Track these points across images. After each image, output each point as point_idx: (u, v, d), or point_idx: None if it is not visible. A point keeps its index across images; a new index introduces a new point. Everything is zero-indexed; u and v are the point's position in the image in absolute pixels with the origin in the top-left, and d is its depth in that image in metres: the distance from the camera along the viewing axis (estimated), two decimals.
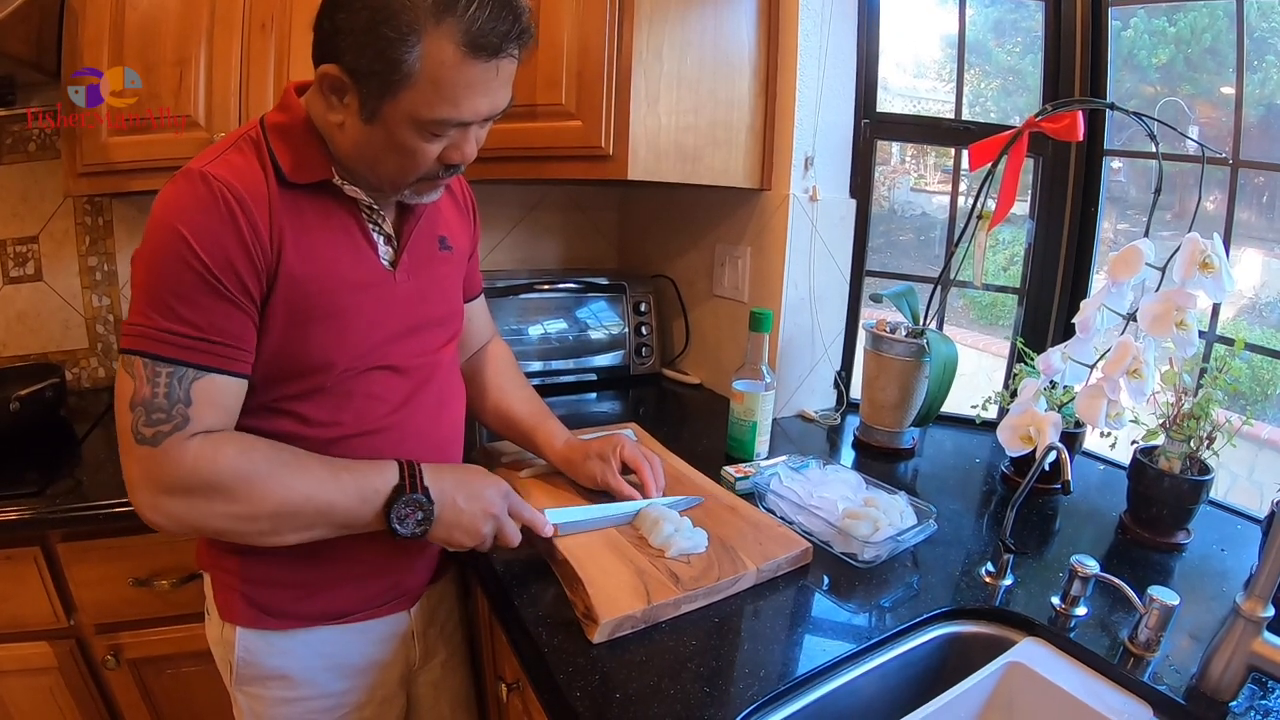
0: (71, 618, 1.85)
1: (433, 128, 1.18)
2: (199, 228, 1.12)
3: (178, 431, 1.12)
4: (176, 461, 1.12)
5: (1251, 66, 1.99)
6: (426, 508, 1.28)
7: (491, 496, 1.36)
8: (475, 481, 1.37)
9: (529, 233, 3.08)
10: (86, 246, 2.53)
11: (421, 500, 1.27)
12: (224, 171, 1.16)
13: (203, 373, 1.14)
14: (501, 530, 1.37)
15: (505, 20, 1.12)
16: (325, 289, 1.25)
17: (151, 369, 1.12)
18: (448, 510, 1.31)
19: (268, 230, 1.18)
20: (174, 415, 1.12)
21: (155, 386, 1.11)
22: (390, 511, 1.25)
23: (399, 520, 1.26)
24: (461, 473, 1.37)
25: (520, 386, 1.85)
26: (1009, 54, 2.62)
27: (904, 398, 2.07)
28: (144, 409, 1.11)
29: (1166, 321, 1.54)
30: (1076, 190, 2.27)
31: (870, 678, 1.27)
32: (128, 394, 1.12)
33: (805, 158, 2.22)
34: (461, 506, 1.32)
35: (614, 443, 1.68)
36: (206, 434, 1.15)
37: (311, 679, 1.44)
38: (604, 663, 1.18)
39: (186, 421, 1.13)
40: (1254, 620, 1.10)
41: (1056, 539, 1.69)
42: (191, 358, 1.13)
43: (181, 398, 1.12)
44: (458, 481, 1.34)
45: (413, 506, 1.27)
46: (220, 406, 1.18)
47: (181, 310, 1.12)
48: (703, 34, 2.03)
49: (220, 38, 2.02)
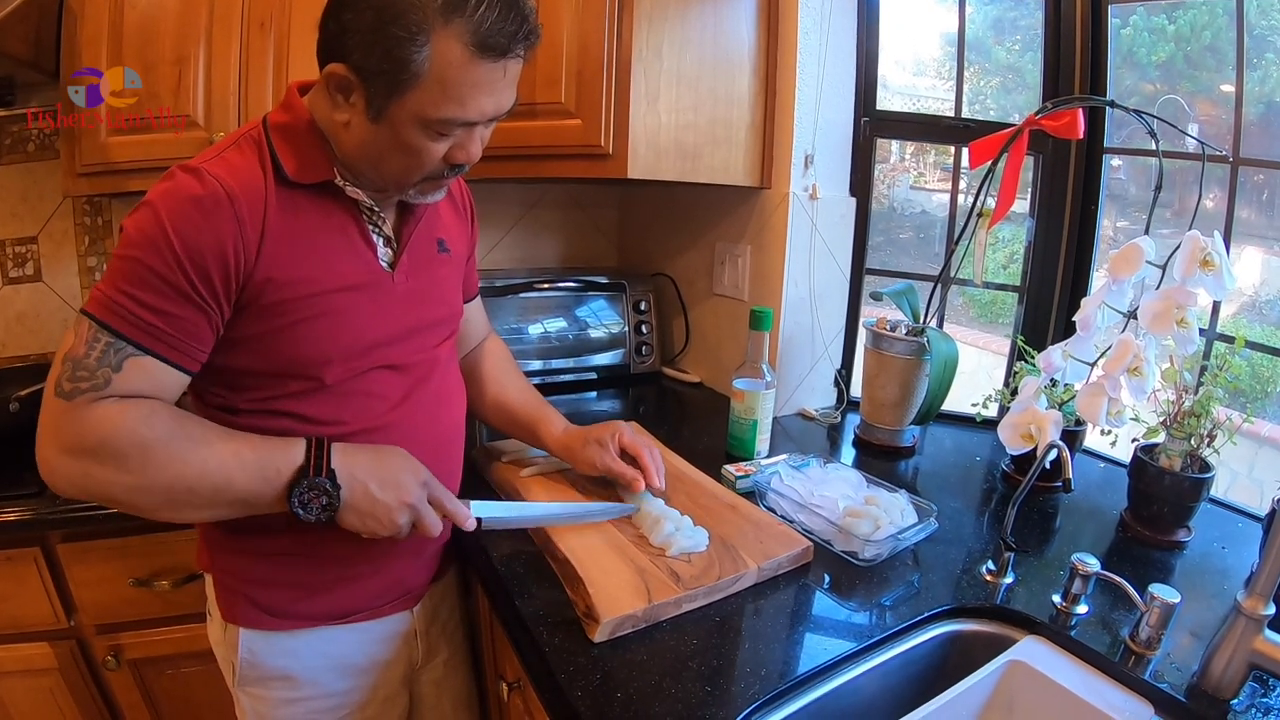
0: (72, 618, 1.85)
1: (439, 127, 1.18)
2: (181, 222, 1.12)
3: (94, 391, 1.11)
4: (81, 419, 1.10)
5: (1251, 64, 1.99)
6: (331, 493, 1.21)
7: (408, 484, 1.29)
8: (392, 466, 1.29)
9: (528, 231, 3.08)
10: (86, 246, 2.53)
11: (325, 485, 1.21)
12: (221, 170, 1.16)
13: (141, 352, 1.13)
14: (420, 520, 1.31)
15: (513, 21, 1.12)
16: (319, 290, 1.25)
17: (94, 332, 1.11)
18: (358, 497, 1.24)
19: (258, 231, 1.17)
20: (96, 377, 1.11)
21: (91, 348, 1.11)
22: (291, 494, 1.19)
23: (301, 505, 1.20)
24: (381, 456, 1.29)
25: (517, 379, 1.86)
26: (1008, 52, 2.62)
27: (904, 396, 2.07)
28: (72, 365, 1.11)
29: (1167, 319, 1.55)
30: (1076, 188, 2.27)
31: (871, 676, 1.27)
32: (65, 348, 1.12)
33: (805, 156, 2.22)
34: (375, 495, 1.25)
35: (613, 429, 1.68)
36: (118, 398, 1.13)
37: (314, 679, 1.44)
38: (605, 662, 1.18)
39: (105, 384, 1.11)
40: (1255, 618, 1.10)
41: (1057, 537, 1.69)
42: (135, 335, 1.12)
43: (111, 365, 1.11)
44: (372, 466, 1.27)
45: (316, 491, 1.21)
46: (151, 384, 1.15)
47: (141, 293, 1.11)
48: (702, 31, 2.03)
49: (219, 37, 2.02)
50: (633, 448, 1.66)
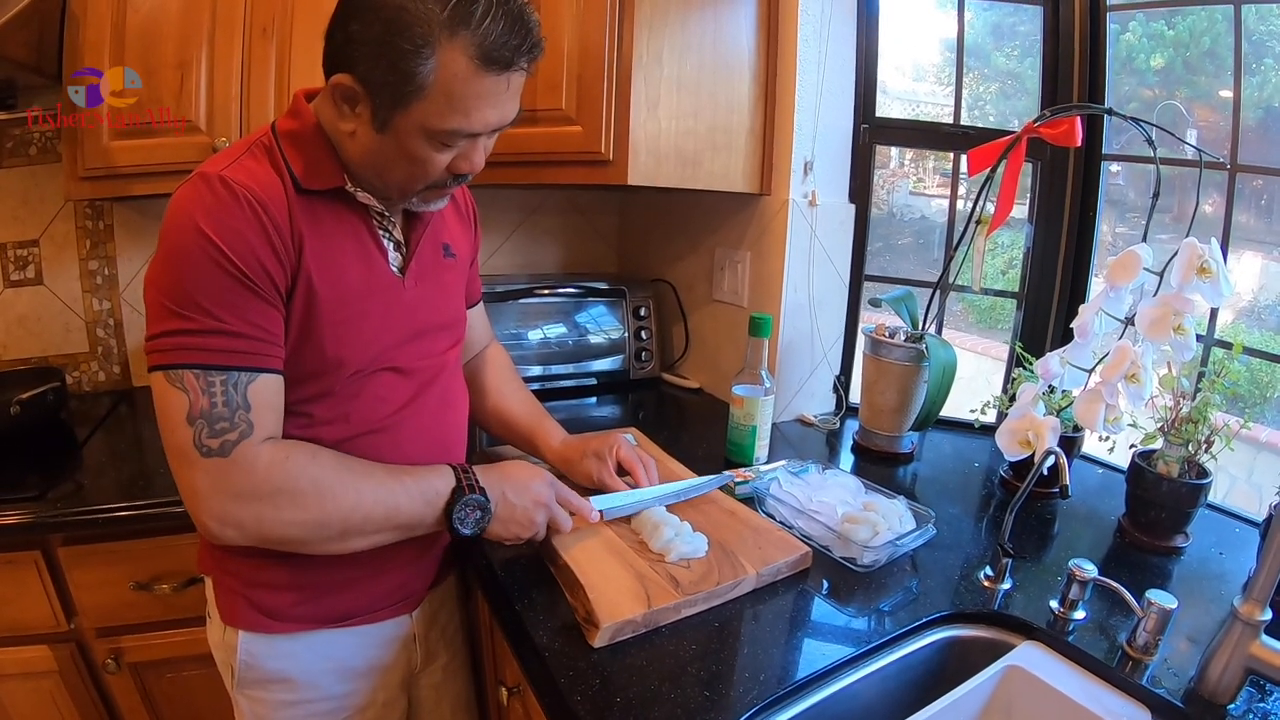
0: (72, 621, 1.85)
1: (443, 138, 1.19)
2: (224, 228, 1.12)
3: (245, 439, 1.13)
4: (249, 469, 1.13)
5: (1250, 69, 1.99)
6: (485, 506, 1.34)
7: (539, 488, 1.43)
8: (522, 476, 1.43)
9: (529, 237, 3.09)
10: (87, 250, 2.53)
11: (481, 500, 1.33)
12: (243, 176, 1.17)
13: (255, 374, 1.15)
14: (553, 518, 1.45)
15: (518, 34, 1.13)
16: (339, 294, 1.26)
17: (204, 379, 1.12)
18: (502, 507, 1.37)
19: (289, 234, 1.19)
20: (237, 422, 1.13)
21: (211, 397, 1.12)
22: (452, 512, 1.30)
23: (460, 521, 1.32)
24: (508, 469, 1.44)
25: (518, 389, 1.87)
26: (1008, 58, 2.63)
27: (903, 402, 2.08)
28: (205, 421, 1.11)
29: (1164, 326, 1.55)
30: (1075, 194, 2.27)
31: (869, 681, 1.27)
32: (181, 409, 1.12)
33: (804, 162, 2.23)
34: (513, 501, 1.39)
35: (610, 442, 1.70)
36: (274, 440, 1.17)
37: (313, 682, 1.44)
38: (604, 667, 1.18)
39: (252, 428, 1.14)
40: (1252, 623, 1.10)
41: (1055, 543, 1.70)
42: (241, 361, 1.14)
43: (240, 403, 1.13)
44: (505, 477, 1.40)
45: (472, 506, 1.33)
46: (273, 408, 1.19)
47: (219, 313, 1.12)
48: (703, 38, 2.04)
49: (221, 42, 2.02)
50: (628, 462, 1.69)
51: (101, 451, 2.09)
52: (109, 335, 2.60)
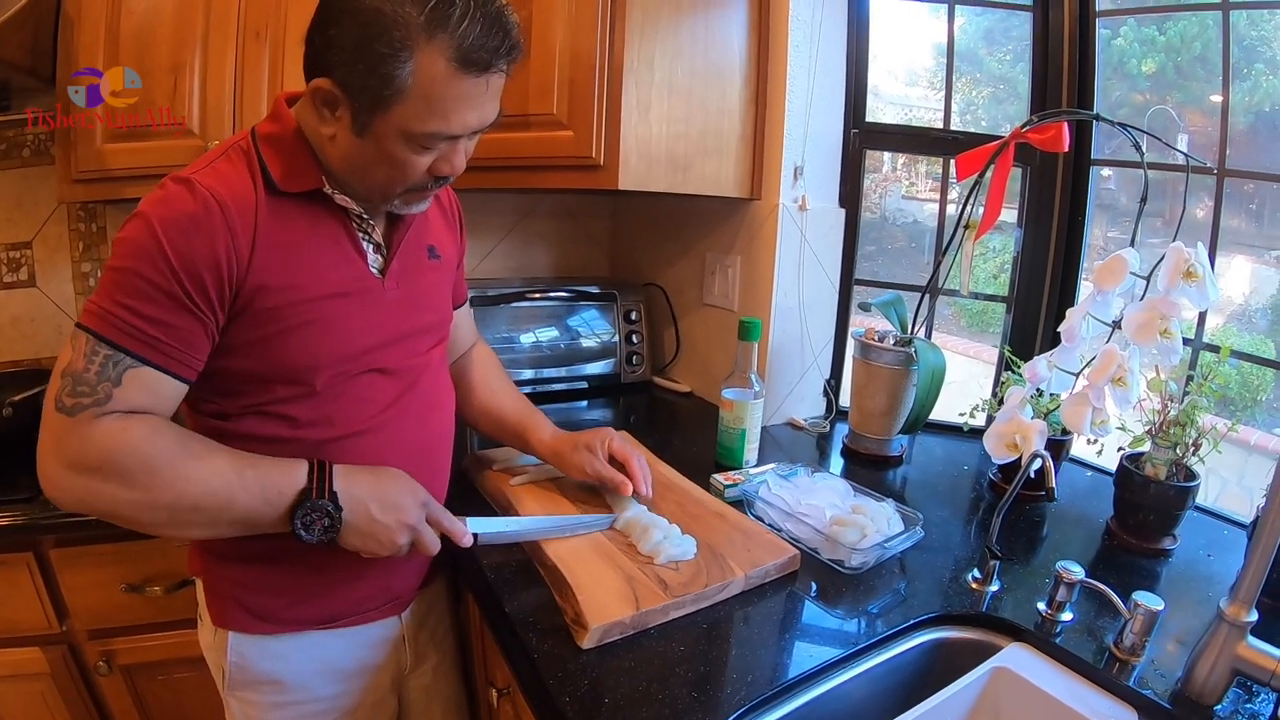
0: (64, 623, 1.85)
1: (423, 141, 1.20)
2: (175, 232, 1.13)
3: (96, 406, 1.11)
4: (85, 435, 1.11)
5: (1241, 75, 2.00)
6: (334, 515, 1.24)
7: (408, 505, 1.31)
8: (392, 489, 1.31)
9: (521, 241, 3.09)
10: (80, 252, 2.53)
11: (327, 507, 1.23)
12: (211, 179, 1.18)
13: (140, 363, 1.13)
14: (419, 539, 1.33)
15: (495, 36, 1.14)
16: (311, 296, 1.26)
17: (92, 345, 1.12)
18: (360, 519, 1.26)
19: (249, 239, 1.19)
20: (97, 391, 1.11)
21: (90, 362, 1.11)
22: (294, 516, 1.21)
23: (304, 526, 1.22)
24: (380, 478, 1.32)
25: (506, 385, 1.87)
26: (999, 62, 2.63)
27: (892, 405, 2.09)
28: (72, 380, 1.11)
29: (1151, 330, 1.56)
30: (1064, 199, 2.28)
31: (857, 683, 1.28)
32: (63, 361, 1.13)
33: (795, 167, 2.24)
34: (375, 516, 1.27)
35: (602, 435, 1.70)
36: (121, 414, 1.14)
37: (303, 683, 1.45)
38: (593, 668, 1.19)
39: (108, 399, 1.12)
40: (1238, 624, 1.11)
41: (1043, 545, 1.71)
42: (133, 346, 1.13)
43: (111, 378, 1.12)
44: (373, 487, 1.29)
45: (319, 513, 1.23)
46: (150, 395, 1.16)
47: (137, 304, 1.12)
48: (694, 43, 2.05)
49: (215, 45, 2.03)
50: (621, 454, 1.67)
51: None
52: None
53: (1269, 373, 2.03)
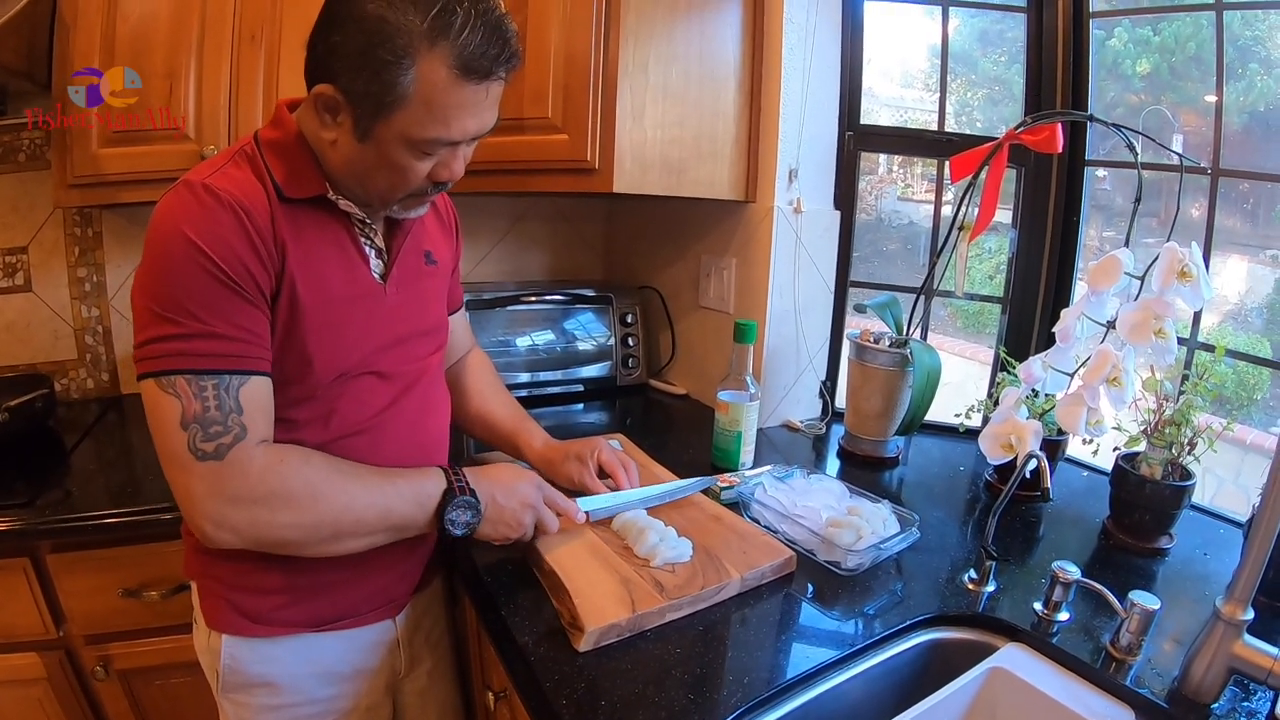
0: (61, 628, 1.85)
1: (424, 147, 1.21)
2: (209, 234, 1.13)
3: (239, 442, 1.14)
4: (244, 472, 1.14)
5: (1236, 75, 2.01)
6: (475, 507, 1.37)
7: (527, 490, 1.45)
8: (510, 478, 1.46)
9: (516, 245, 3.09)
10: (76, 257, 2.53)
11: (471, 502, 1.36)
12: (227, 184, 1.18)
13: (245, 377, 1.16)
14: (541, 520, 1.47)
15: (495, 44, 1.15)
16: (321, 300, 1.27)
17: (195, 384, 1.12)
18: (491, 508, 1.39)
19: (273, 241, 1.20)
20: (230, 426, 1.14)
21: (204, 401, 1.12)
22: (444, 513, 1.33)
23: (451, 522, 1.34)
24: (496, 471, 1.46)
25: (499, 392, 1.89)
26: (994, 64, 2.64)
27: (888, 407, 2.09)
28: (199, 425, 1.12)
29: (1145, 330, 1.56)
30: (1059, 200, 2.29)
31: (854, 684, 1.28)
32: (174, 414, 1.12)
33: (789, 170, 2.24)
34: (502, 503, 1.41)
35: (592, 445, 1.73)
36: (267, 444, 1.18)
37: (297, 686, 1.45)
38: (590, 671, 1.19)
39: (245, 431, 1.15)
40: (1234, 623, 1.11)
41: (1040, 545, 1.71)
42: (231, 365, 1.14)
43: (233, 407, 1.14)
44: (494, 480, 1.43)
45: (463, 508, 1.35)
46: (265, 410, 1.20)
47: (207, 318, 1.13)
48: (688, 47, 2.05)
49: (210, 50, 2.02)
50: (609, 465, 1.70)
51: (90, 459, 2.09)
52: (98, 342, 2.60)
53: (1265, 372, 2.03)
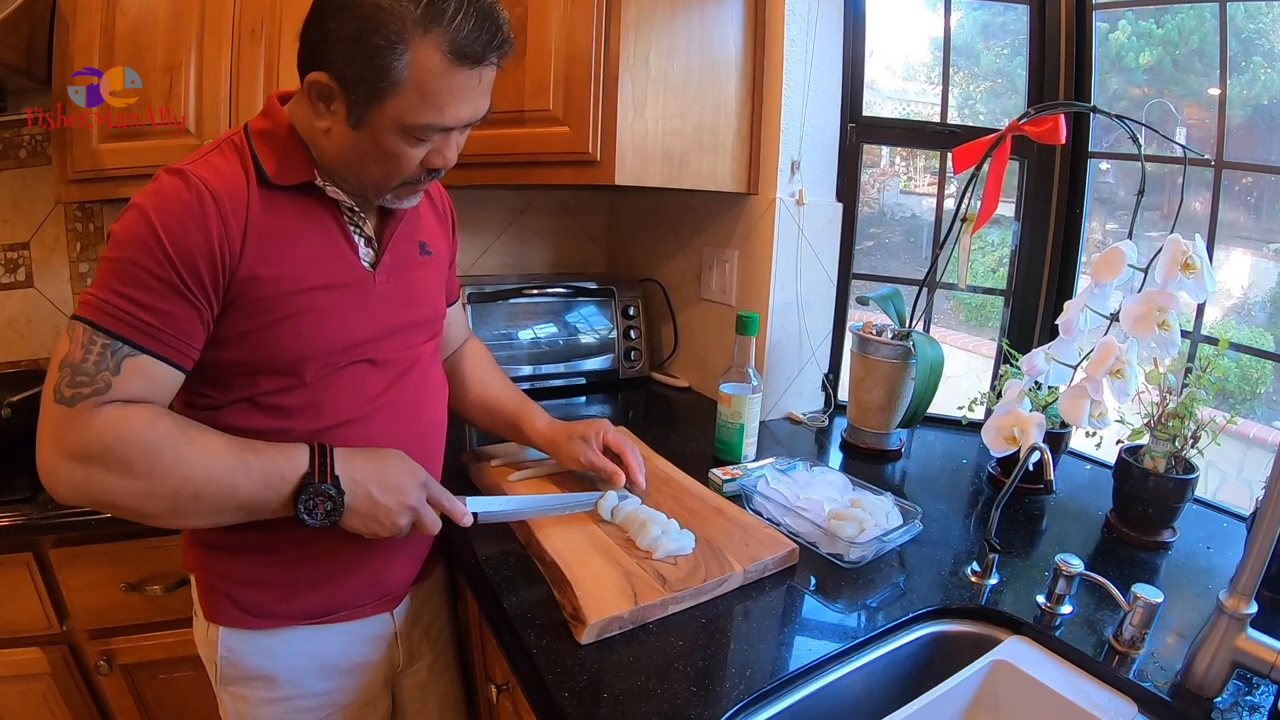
0: (64, 623, 1.86)
1: (418, 133, 1.21)
2: (169, 220, 1.14)
3: (96, 396, 1.12)
4: (85, 424, 1.11)
5: (1239, 67, 2.00)
6: (336, 498, 1.25)
7: (408, 486, 1.33)
8: (392, 469, 1.34)
9: (518, 237, 3.09)
10: (78, 252, 2.54)
11: (329, 491, 1.24)
12: (204, 170, 1.19)
13: (137, 351, 1.14)
14: (420, 520, 1.36)
15: (488, 30, 1.16)
16: (301, 287, 1.27)
17: (89, 335, 1.12)
18: (361, 501, 1.28)
19: (241, 230, 1.20)
20: (96, 381, 1.12)
21: (88, 352, 1.12)
22: (297, 500, 1.23)
23: (307, 510, 1.23)
24: (379, 460, 1.33)
25: (499, 378, 1.89)
26: (997, 56, 2.63)
27: (890, 399, 2.09)
28: (70, 370, 1.11)
29: (1148, 322, 1.55)
30: (1062, 192, 2.28)
31: (856, 676, 1.28)
32: (60, 354, 1.13)
33: (791, 162, 2.23)
34: (376, 498, 1.29)
35: (597, 426, 1.71)
36: (122, 403, 1.14)
37: (294, 679, 1.45)
38: (592, 663, 1.19)
39: (107, 388, 1.12)
40: (1237, 616, 1.11)
41: (1043, 538, 1.70)
42: (130, 335, 1.13)
43: (109, 368, 1.13)
44: (373, 470, 1.31)
45: (321, 497, 1.24)
46: (149, 384, 1.17)
47: (133, 291, 1.13)
48: (689, 39, 2.04)
49: (210, 44, 2.03)
50: (616, 445, 1.69)
51: None
52: None
53: (1268, 365, 2.03)
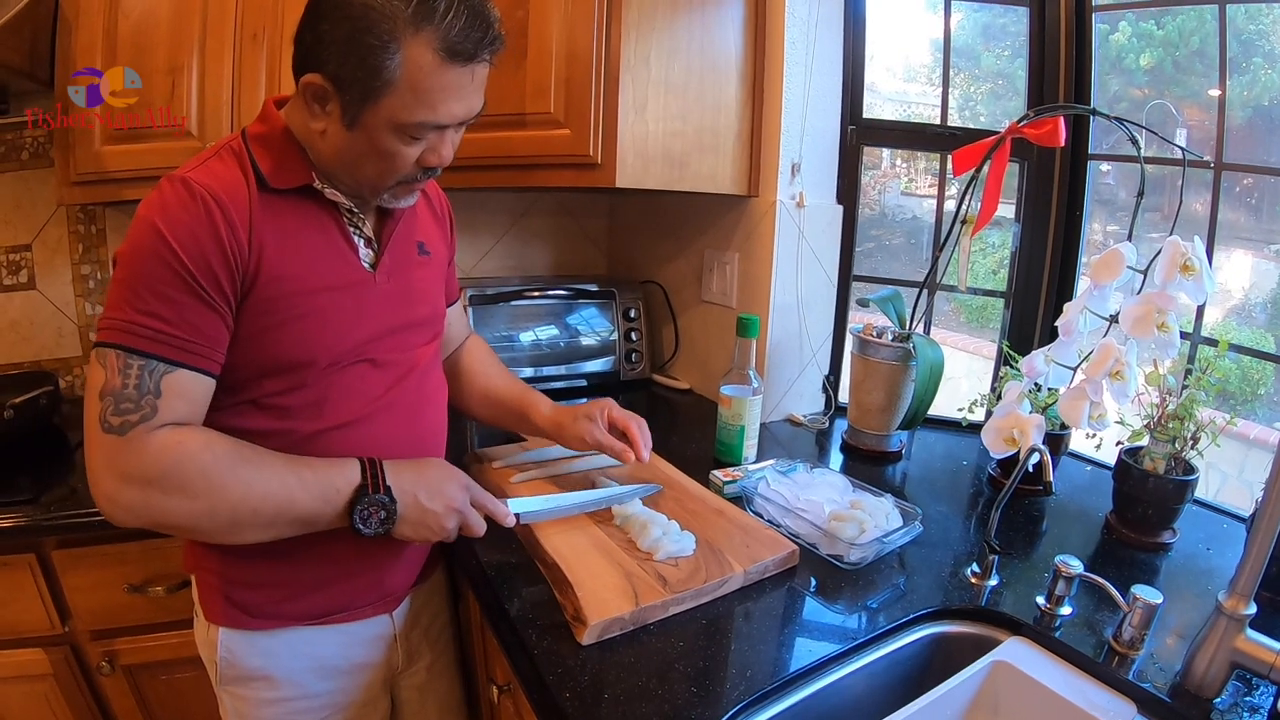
0: (66, 624, 1.86)
1: (412, 131, 1.22)
2: (179, 228, 1.15)
3: (145, 422, 1.13)
4: (140, 451, 1.13)
5: (1240, 69, 2.00)
6: (389, 507, 1.29)
7: (453, 491, 1.36)
8: (436, 476, 1.37)
9: (519, 240, 3.10)
10: (80, 255, 2.54)
11: (384, 500, 1.28)
12: (205, 177, 1.20)
13: (173, 367, 1.16)
14: (466, 523, 1.38)
15: (479, 28, 1.17)
16: (304, 289, 1.28)
17: (123, 360, 1.13)
18: (411, 508, 1.31)
19: (246, 233, 1.21)
20: (142, 406, 1.13)
21: (126, 378, 1.13)
22: (353, 511, 1.26)
23: (362, 520, 1.27)
24: (422, 468, 1.37)
25: (500, 370, 1.89)
26: (998, 58, 2.64)
27: (891, 401, 2.09)
28: (113, 399, 1.13)
29: (1148, 323, 1.56)
30: (1062, 194, 2.29)
31: (857, 677, 1.28)
32: (98, 384, 1.14)
33: (792, 164, 2.24)
34: (424, 504, 1.32)
35: (601, 405, 1.71)
36: (173, 426, 1.16)
37: (293, 679, 1.45)
38: (593, 664, 1.20)
39: (154, 413, 1.14)
40: (1236, 617, 1.11)
41: (1043, 540, 1.70)
42: (163, 351, 1.15)
43: (151, 389, 1.14)
44: (418, 478, 1.34)
45: (375, 506, 1.27)
46: (189, 401, 1.19)
47: (156, 306, 1.14)
48: (690, 41, 2.04)
49: (212, 47, 2.03)
50: (621, 422, 1.69)
51: None
52: None
53: (1269, 366, 2.03)
